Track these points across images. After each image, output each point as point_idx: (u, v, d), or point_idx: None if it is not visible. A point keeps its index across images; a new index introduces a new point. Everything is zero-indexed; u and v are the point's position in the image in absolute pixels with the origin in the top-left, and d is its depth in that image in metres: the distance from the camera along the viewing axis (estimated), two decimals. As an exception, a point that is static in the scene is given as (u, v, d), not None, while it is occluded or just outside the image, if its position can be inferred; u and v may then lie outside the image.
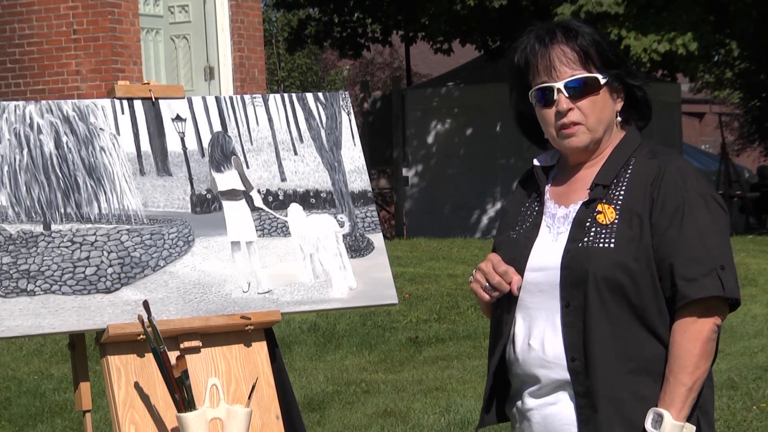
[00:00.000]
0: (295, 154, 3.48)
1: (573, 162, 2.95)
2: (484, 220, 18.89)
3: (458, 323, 9.90)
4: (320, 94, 3.58)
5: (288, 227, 3.39)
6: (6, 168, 3.12)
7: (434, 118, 19.76)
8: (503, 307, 2.93)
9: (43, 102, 3.23)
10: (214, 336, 3.18)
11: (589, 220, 2.83)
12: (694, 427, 2.77)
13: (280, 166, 3.44)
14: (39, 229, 3.11)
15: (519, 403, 2.94)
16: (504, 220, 3.05)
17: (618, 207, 2.82)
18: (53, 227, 3.13)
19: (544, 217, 2.93)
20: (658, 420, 2.74)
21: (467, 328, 9.64)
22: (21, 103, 3.21)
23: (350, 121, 3.57)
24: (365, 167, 3.54)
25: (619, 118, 2.92)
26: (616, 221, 2.81)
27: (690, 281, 2.74)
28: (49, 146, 3.18)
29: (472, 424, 6.78)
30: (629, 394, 2.78)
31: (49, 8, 12.71)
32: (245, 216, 3.34)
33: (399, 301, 3.47)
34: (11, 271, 3.05)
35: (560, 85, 2.85)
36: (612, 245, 2.78)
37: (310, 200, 3.44)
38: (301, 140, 3.50)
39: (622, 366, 2.78)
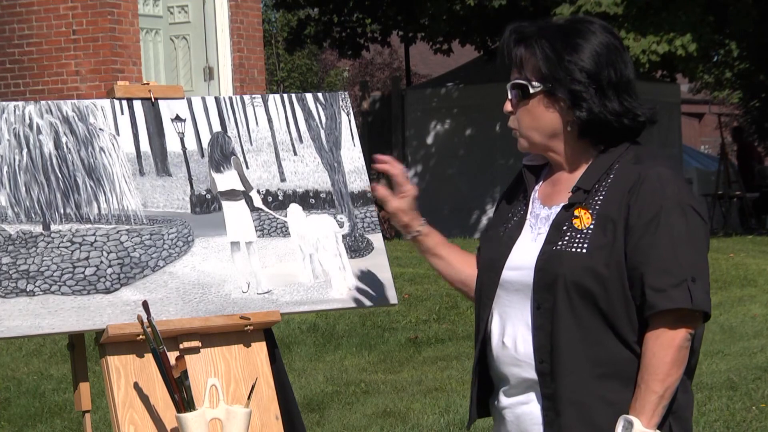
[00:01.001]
0: (295, 154, 3.48)
1: (551, 162, 2.97)
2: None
3: (458, 323, 9.90)
4: (320, 95, 3.58)
5: (287, 227, 3.39)
6: (5, 168, 3.12)
7: (434, 118, 19.75)
8: (482, 303, 2.96)
9: (43, 102, 3.23)
10: (214, 336, 3.18)
11: (567, 223, 2.84)
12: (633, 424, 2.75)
13: (279, 166, 3.44)
14: (38, 229, 3.11)
15: (495, 401, 2.98)
16: (495, 216, 3.08)
17: (594, 212, 2.82)
18: (53, 227, 3.13)
19: (528, 216, 2.95)
20: (628, 427, 2.74)
21: (467, 328, 9.64)
22: (20, 103, 3.20)
23: (350, 121, 3.57)
24: (365, 168, 3.54)
25: (569, 128, 2.88)
26: (591, 226, 2.81)
27: (659, 291, 2.74)
28: (49, 146, 3.18)
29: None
30: (595, 398, 2.79)
31: (48, 8, 12.72)
32: (245, 216, 3.34)
33: (399, 301, 3.47)
34: (11, 272, 3.05)
35: (508, 86, 2.92)
36: (584, 250, 2.79)
37: (310, 200, 3.44)
38: (301, 140, 3.50)
39: (589, 370, 2.79)
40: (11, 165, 3.13)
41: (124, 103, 3.31)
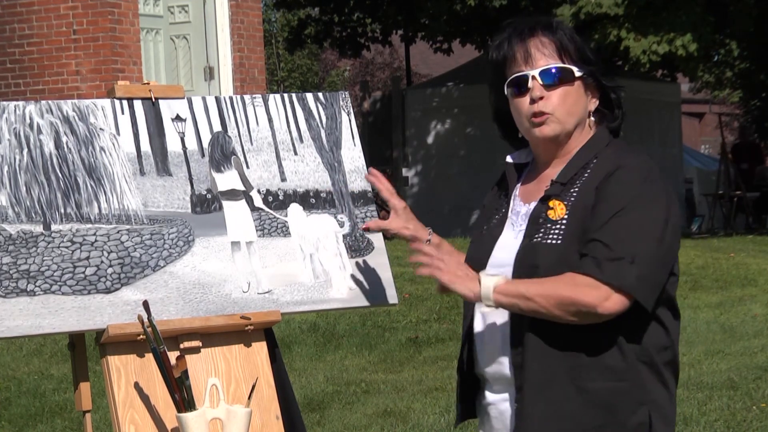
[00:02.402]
0: (295, 154, 3.48)
1: (543, 157, 2.97)
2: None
3: (458, 323, 9.90)
4: (320, 95, 3.58)
5: (288, 227, 3.39)
6: (6, 168, 3.12)
7: (434, 118, 19.75)
8: (467, 303, 2.98)
9: (43, 102, 3.23)
10: (214, 336, 3.18)
11: (542, 216, 2.86)
12: (502, 276, 2.80)
13: (280, 166, 3.44)
14: (39, 229, 3.11)
15: (481, 398, 3.00)
16: (480, 215, 3.11)
17: (569, 203, 2.84)
18: (53, 227, 3.13)
19: (510, 214, 2.97)
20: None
21: (467, 328, 9.62)
22: (21, 103, 3.20)
23: (350, 121, 3.57)
24: (365, 167, 3.54)
25: (592, 118, 2.94)
26: (565, 218, 2.83)
27: (589, 257, 2.75)
28: (49, 146, 3.18)
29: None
30: (567, 387, 2.80)
31: (48, 8, 12.72)
32: (245, 216, 3.34)
33: (399, 301, 3.47)
34: (11, 272, 3.05)
35: (535, 72, 2.88)
36: (560, 241, 2.81)
37: (310, 200, 3.44)
38: (301, 140, 3.50)
39: (561, 360, 2.80)
40: (12, 165, 3.13)
41: (125, 102, 3.31)
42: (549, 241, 2.82)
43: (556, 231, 2.82)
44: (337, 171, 3.49)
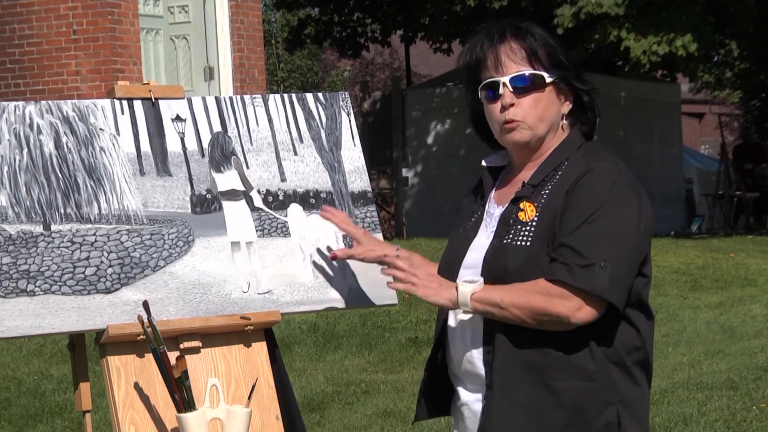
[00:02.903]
0: (295, 154, 3.48)
1: (517, 161, 3.00)
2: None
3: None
4: (320, 95, 3.58)
5: (288, 227, 3.39)
6: (6, 168, 3.12)
7: (434, 118, 19.75)
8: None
9: (43, 102, 3.23)
10: (214, 336, 3.18)
11: (512, 218, 2.88)
12: (479, 282, 2.82)
13: (280, 166, 3.44)
14: (39, 229, 3.11)
15: (455, 399, 3.02)
16: (457, 218, 3.13)
17: (539, 205, 2.86)
18: (53, 227, 3.13)
19: (484, 216, 3.00)
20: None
21: (467, 328, 9.63)
22: (21, 103, 3.20)
23: (350, 121, 3.57)
24: (365, 167, 3.54)
25: (565, 121, 2.96)
26: (535, 219, 2.85)
27: (564, 265, 2.77)
28: (49, 146, 3.18)
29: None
30: (534, 385, 2.81)
31: (48, 8, 12.71)
32: (245, 216, 3.34)
33: (399, 301, 3.47)
34: (11, 272, 3.05)
35: (506, 79, 2.90)
36: (528, 242, 2.83)
37: (310, 200, 3.44)
38: (301, 140, 3.50)
39: (528, 358, 2.82)
40: (11, 165, 3.13)
41: (125, 103, 3.31)
42: (518, 242, 2.84)
43: (526, 232, 2.85)
44: (337, 171, 3.49)
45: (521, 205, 2.88)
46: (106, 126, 3.26)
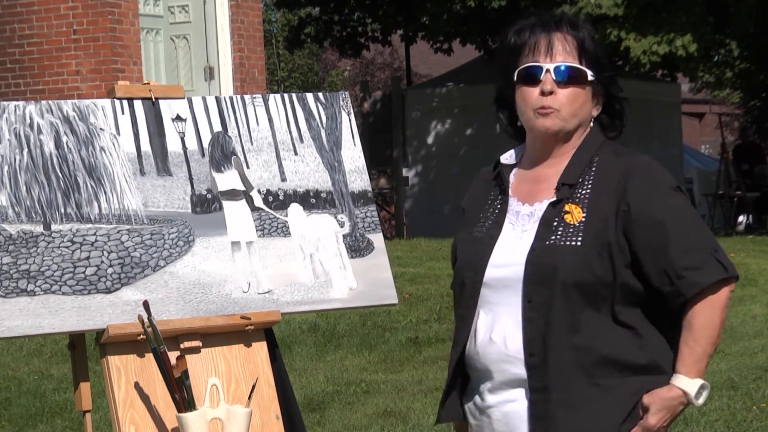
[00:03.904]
0: (295, 154, 3.48)
1: (540, 153, 2.97)
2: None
3: (458, 323, 9.88)
4: (320, 95, 3.58)
5: (288, 227, 3.39)
6: (6, 168, 3.12)
7: (434, 118, 19.75)
8: (464, 304, 2.97)
9: (43, 102, 3.23)
10: (214, 336, 3.18)
11: (557, 219, 2.87)
12: (708, 385, 2.85)
13: (280, 166, 3.44)
14: (39, 229, 3.11)
15: (477, 398, 2.97)
16: (463, 219, 3.09)
17: (585, 206, 2.86)
18: (53, 227, 3.13)
19: (507, 215, 2.96)
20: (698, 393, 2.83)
21: (467, 328, 9.61)
22: (21, 103, 3.21)
23: (350, 121, 3.57)
24: (365, 167, 3.54)
25: (591, 124, 2.96)
26: (583, 220, 2.85)
27: (695, 270, 2.80)
28: (49, 146, 3.18)
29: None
30: (589, 386, 2.81)
31: (49, 8, 12.71)
32: (245, 216, 3.34)
33: (399, 301, 3.47)
34: (11, 271, 3.05)
35: (551, 66, 2.89)
36: (579, 243, 2.83)
37: (311, 200, 3.44)
38: (301, 140, 3.50)
39: (581, 360, 2.81)
40: (12, 164, 3.13)
41: (125, 102, 3.31)
42: (568, 243, 2.83)
43: (574, 233, 2.84)
44: (337, 171, 3.50)
45: (567, 207, 2.87)
46: (107, 126, 3.27)
